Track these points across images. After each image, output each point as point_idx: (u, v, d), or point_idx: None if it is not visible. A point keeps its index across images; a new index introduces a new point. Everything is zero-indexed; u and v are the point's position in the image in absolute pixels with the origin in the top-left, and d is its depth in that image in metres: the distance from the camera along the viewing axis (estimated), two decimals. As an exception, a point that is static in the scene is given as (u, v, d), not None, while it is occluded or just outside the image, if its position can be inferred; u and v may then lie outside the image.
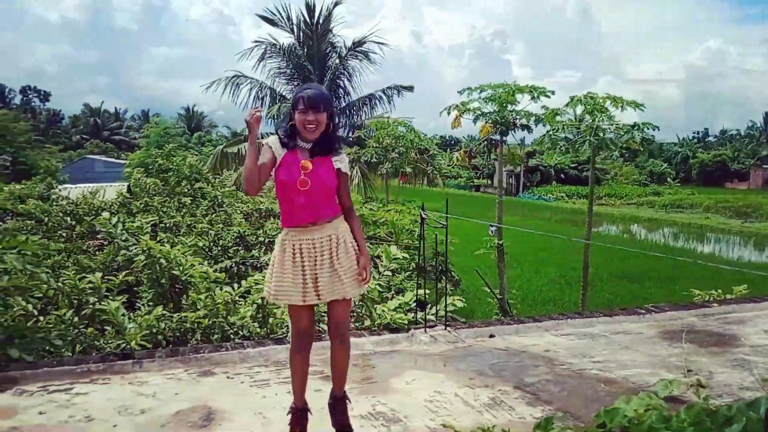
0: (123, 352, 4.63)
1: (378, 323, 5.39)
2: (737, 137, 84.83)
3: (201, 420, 3.53)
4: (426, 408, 3.73)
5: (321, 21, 21.34)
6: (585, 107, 10.23)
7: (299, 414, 3.17)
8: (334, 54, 21.93)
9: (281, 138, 3.05)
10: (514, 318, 7.41)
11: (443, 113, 11.73)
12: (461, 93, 11.32)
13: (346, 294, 3.08)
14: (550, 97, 11.13)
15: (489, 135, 11.86)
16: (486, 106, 11.29)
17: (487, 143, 12.95)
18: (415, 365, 4.53)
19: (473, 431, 3.25)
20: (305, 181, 2.94)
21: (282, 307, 5.19)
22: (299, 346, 3.15)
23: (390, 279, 7.63)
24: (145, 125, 60.72)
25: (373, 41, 21.34)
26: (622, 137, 10.18)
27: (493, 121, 11.22)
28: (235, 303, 5.53)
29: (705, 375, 4.25)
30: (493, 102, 11.11)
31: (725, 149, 74.55)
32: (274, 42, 21.17)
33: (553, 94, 11.18)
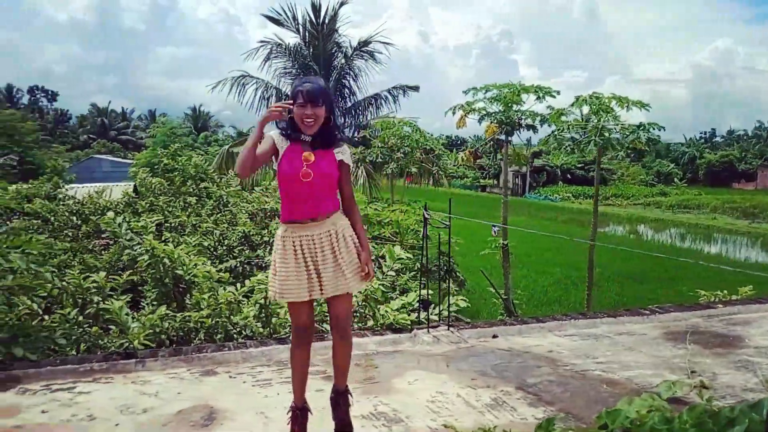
0: (126, 351, 4.65)
1: (381, 323, 5.38)
2: (745, 137, 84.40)
3: (203, 419, 3.54)
4: (428, 408, 3.72)
5: (327, 21, 21.37)
6: (590, 107, 10.21)
7: (299, 413, 3.17)
8: (339, 54, 21.97)
9: (283, 131, 3.06)
10: (517, 318, 7.40)
11: (448, 113, 11.76)
12: (466, 93, 11.32)
13: (349, 289, 3.09)
14: (555, 97, 11.13)
15: (494, 135, 11.85)
16: (491, 106, 11.30)
17: (493, 143, 12.92)
18: (418, 365, 4.52)
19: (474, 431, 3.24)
20: (308, 173, 2.94)
21: (284, 306, 5.19)
22: (299, 342, 3.17)
23: (395, 279, 7.62)
24: (152, 125, 60.87)
25: (379, 41, 21.39)
26: (627, 137, 10.16)
27: (498, 121, 11.22)
28: (239, 303, 5.54)
29: (708, 376, 4.23)
30: (499, 102, 11.12)
31: (733, 150, 74.17)
32: (279, 42, 21.23)
33: (559, 94, 11.18)
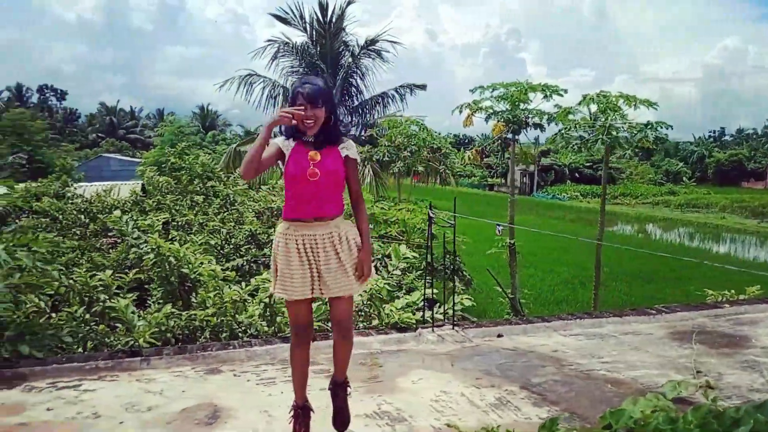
0: (131, 349, 4.67)
1: (386, 322, 5.38)
2: (754, 136, 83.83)
3: (207, 418, 3.55)
4: (431, 408, 3.71)
5: (334, 20, 21.39)
6: (598, 106, 10.18)
7: (301, 412, 3.18)
8: (347, 53, 21.97)
9: (286, 133, 3.06)
10: (522, 318, 7.39)
11: (455, 112, 11.73)
12: (473, 92, 11.29)
13: (351, 290, 3.08)
14: (562, 96, 11.08)
15: (502, 134, 11.82)
16: (498, 104, 11.26)
17: (500, 142, 12.90)
18: (422, 365, 4.52)
19: (477, 431, 3.23)
20: (314, 172, 2.94)
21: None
22: (299, 341, 3.17)
23: (401, 278, 7.62)
24: (160, 124, 61.10)
25: (387, 40, 21.37)
26: (635, 136, 10.12)
27: (505, 120, 11.18)
28: (244, 302, 5.55)
29: (714, 376, 4.21)
30: (505, 101, 11.08)
31: (742, 148, 73.70)
32: (287, 41, 21.26)
33: (566, 92, 11.13)
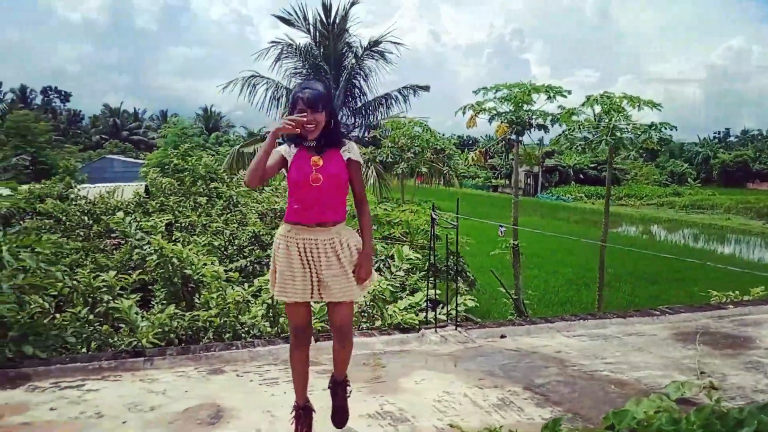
0: (135, 349, 4.67)
1: (389, 323, 5.38)
2: (759, 137, 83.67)
3: (209, 418, 3.55)
4: (434, 408, 3.71)
5: (337, 21, 21.38)
6: (602, 107, 10.17)
7: (302, 412, 3.18)
8: (350, 54, 21.97)
9: (288, 139, 3.06)
10: (525, 319, 7.37)
11: (459, 113, 11.74)
12: (476, 93, 11.30)
13: (352, 296, 3.08)
14: (566, 97, 11.09)
15: (505, 135, 11.82)
16: (501, 105, 11.27)
17: (504, 143, 12.89)
18: (425, 365, 4.51)
19: (480, 432, 3.23)
20: (317, 177, 2.94)
21: None
22: (298, 342, 3.17)
23: (404, 279, 7.62)
24: (163, 125, 61.16)
25: (390, 41, 21.35)
26: (639, 137, 10.10)
27: (509, 121, 11.19)
28: (247, 302, 5.55)
29: (718, 377, 4.19)
30: (509, 102, 11.09)
31: (747, 149, 73.55)
32: (290, 42, 21.26)
33: (570, 93, 11.13)
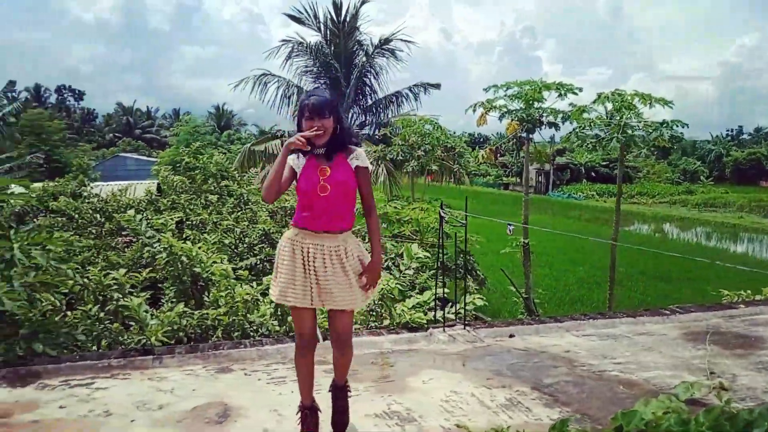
0: (144, 348, 4.69)
1: (397, 322, 5.37)
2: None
3: (217, 416, 3.56)
4: (441, 408, 3.71)
5: (348, 19, 21.37)
6: (613, 104, 10.09)
7: (308, 413, 3.18)
8: (361, 52, 21.94)
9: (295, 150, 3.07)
10: (534, 318, 7.34)
11: (469, 111, 11.68)
12: (487, 90, 11.24)
13: (353, 305, 3.09)
14: (577, 94, 10.98)
15: (516, 132, 11.76)
16: (512, 103, 11.20)
17: (515, 141, 12.82)
18: (433, 364, 4.51)
19: (487, 432, 3.22)
20: (325, 187, 2.97)
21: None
22: (303, 350, 3.15)
23: (414, 277, 7.60)
24: (176, 123, 61.43)
25: (401, 39, 21.29)
26: (650, 135, 10.01)
27: (519, 119, 11.11)
28: (256, 301, 5.56)
29: (728, 378, 4.16)
30: (519, 99, 11.01)
31: (760, 147, 72.72)
32: (301, 41, 21.27)
33: (581, 90, 11.03)
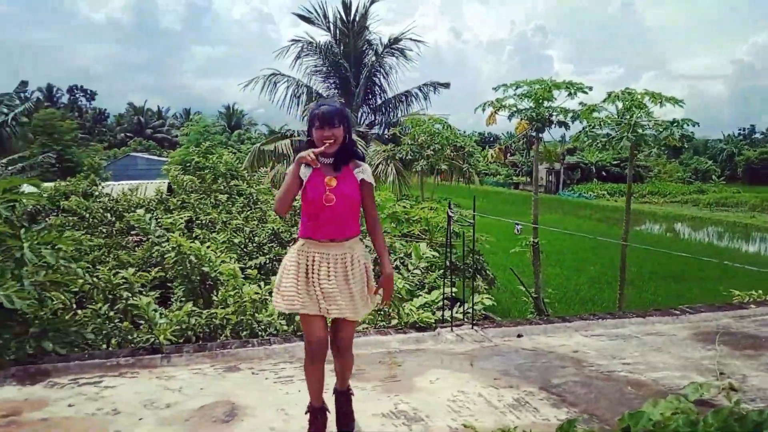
0: (152, 346, 4.71)
1: (405, 321, 5.36)
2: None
3: (224, 415, 3.57)
4: (449, 408, 3.70)
5: (357, 18, 21.38)
6: (623, 103, 10.03)
7: (317, 413, 3.18)
8: (370, 51, 21.96)
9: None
10: (542, 318, 7.31)
11: (479, 110, 11.65)
12: (496, 89, 11.21)
13: (355, 315, 3.10)
14: (587, 93, 10.92)
15: (525, 132, 11.72)
16: (521, 102, 11.16)
17: (525, 140, 12.78)
18: (440, 364, 4.50)
19: (494, 432, 3.21)
20: (330, 197, 2.99)
21: None
22: (313, 357, 3.09)
23: (423, 277, 7.59)
24: (186, 123, 61.63)
25: (410, 38, 21.29)
26: (661, 134, 9.94)
27: (529, 118, 11.07)
28: (264, 300, 5.57)
29: (738, 378, 4.12)
30: (529, 98, 10.98)
31: (772, 146, 72.17)
32: (310, 40, 21.30)
33: (591, 89, 10.97)
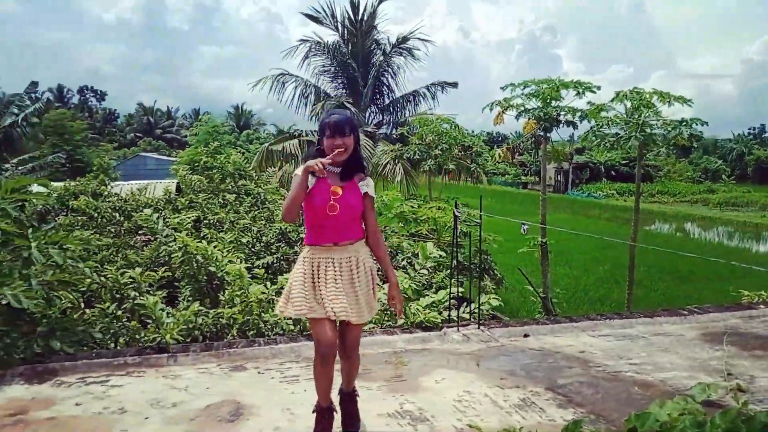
0: (159, 346, 4.73)
1: (411, 321, 5.36)
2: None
3: (229, 414, 3.58)
4: (454, 408, 3.69)
5: (365, 18, 21.40)
6: (631, 102, 9.98)
7: (324, 413, 3.17)
8: (378, 51, 21.98)
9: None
10: (549, 318, 7.28)
11: (486, 110, 11.63)
12: (504, 89, 11.18)
13: (361, 319, 3.10)
14: (595, 93, 10.87)
15: (533, 131, 11.68)
16: (529, 102, 11.12)
17: (533, 140, 12.74)
18: (446, 364, 4.49)
19: (499, 432, 3.20)
20: (334, 206, 3.02)
21: None
22: (324, 359, 3.06)
23: (430, 277, 7.58)
24: (195, 123, 61.81)
25: (418, 38, 21.29)
26: (669, 133, 9.88)
27: (537, 118, 11.04)
28: (270, 300, 5.58)
29: (746, 379, 4.10)
30: (537, 98, 10.94)
31: (783, 146, 71.66)
32: (318, 40, 21.34)
33: (599, 89, 10.92)
